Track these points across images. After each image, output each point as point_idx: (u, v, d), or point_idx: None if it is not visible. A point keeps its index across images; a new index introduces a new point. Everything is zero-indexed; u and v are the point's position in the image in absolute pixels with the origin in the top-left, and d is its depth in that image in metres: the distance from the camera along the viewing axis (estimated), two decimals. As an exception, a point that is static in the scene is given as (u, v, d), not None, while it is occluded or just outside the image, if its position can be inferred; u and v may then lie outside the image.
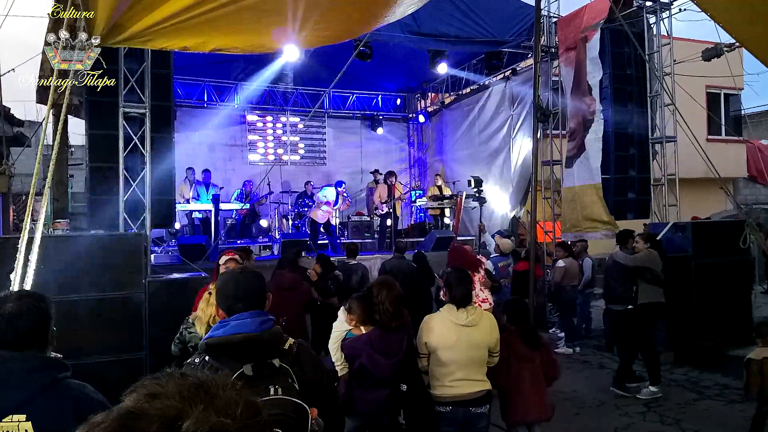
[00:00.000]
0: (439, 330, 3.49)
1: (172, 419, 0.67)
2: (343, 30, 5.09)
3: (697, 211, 12.77)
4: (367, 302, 3.52)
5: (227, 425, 0.69)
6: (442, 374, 3.47)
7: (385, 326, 3.39)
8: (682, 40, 11.36)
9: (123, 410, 0.69)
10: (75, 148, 13.75)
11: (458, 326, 3.46)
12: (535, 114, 5.32)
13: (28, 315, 1.82)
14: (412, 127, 16.53)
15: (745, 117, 15.74)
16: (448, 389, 3.46)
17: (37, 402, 1.69)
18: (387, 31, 8.62)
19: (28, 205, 3.98)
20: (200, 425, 0.67)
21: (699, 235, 8.04)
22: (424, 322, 3.59)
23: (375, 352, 3.31)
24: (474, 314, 3.52)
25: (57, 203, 9.77)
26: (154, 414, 0.67)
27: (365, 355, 3.29)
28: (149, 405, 0.69)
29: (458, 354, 3.45)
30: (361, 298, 3.64)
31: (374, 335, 3.40)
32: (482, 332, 3.52)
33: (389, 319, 3.38)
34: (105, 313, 5.50)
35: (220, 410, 0.70)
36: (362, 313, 3.54)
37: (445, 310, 3.58)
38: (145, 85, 6.94)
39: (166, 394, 0.71)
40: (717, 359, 7.55)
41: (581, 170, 9.84)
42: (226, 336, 1.82)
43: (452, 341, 3.44)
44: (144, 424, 0.66)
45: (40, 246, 3.60)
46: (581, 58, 9.64)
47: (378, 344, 3.35)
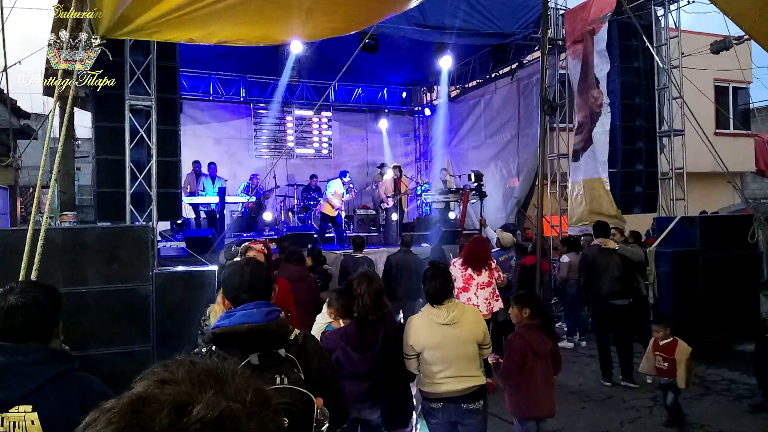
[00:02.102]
0: (422, 331, 3.40)
1: (183, 404, 0.67)
2: (349, 22, 5.06)
3: (704, 205, 12.71)
4: (346, 295, 3.43)
5: (237, 410, 0.69)
6: (432, 372, 3.39)
7: (362, 319, 3.29)
8: (690, 32, 11.26)
9: (134, 396, 0.69)
10: (81, 140, 13.79)
11: (440, 325, 3.37)
12: (542, 107, 5.30)
13: (29, 307, 1.81)
14: (417, 120, 16.48)
15: (754, 111, 15.63)
16: (437, 386, 3.38)
17: (43, 393, 1.70)
18: (393, 23, 8.60)
19: (35, 197, 3.99)
20: (210, 410, 0.67)
21: (706, 229, 7.99)
22: (407, 323, 3.50)
23: (349, 346, 3.23)
24: (455, 311, 3.41)
25: (64, 196, 9.82)
26: (165, 399, 0.67)
27: (340, 350, 3.21)
28: (159, 391, 0.69)
29: (445, 353, 3.36)
30: (340, 291, 3.59)
31: (350, 329, 3.31)
32: (466, 328, 3.42)
33: (367, 312, 3.27)
34: (112, 305, 5.52)
35: (230, 396, 0.71)
36: (341, 307, 3.47)
37: (426, 309, 3.49)
38: (151, 77, 6.94)
39: (176, 380, 0.71)
40: (724, 354, 7.52)
41: (588, 164, 9.79)
42: (232, 326, 1.83)
43: (437, 341, 3.35)
44: (154, 409, 0.66)
45: (48, 238, 3.61)
46: (588, 50, 9.58)
47: (353, 339, 3.27)
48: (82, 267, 5.42)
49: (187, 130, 11.84)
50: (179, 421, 0.65)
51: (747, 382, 6.40)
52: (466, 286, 6.00)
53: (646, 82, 9.38)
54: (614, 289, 6.46)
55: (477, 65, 13.28)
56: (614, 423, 5.40)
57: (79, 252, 5.44)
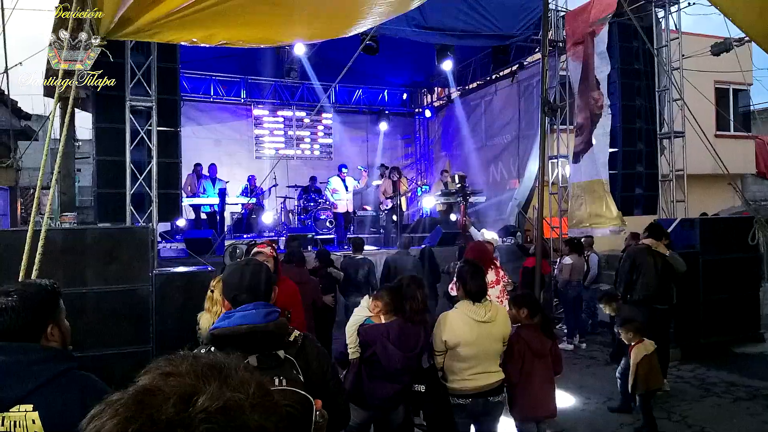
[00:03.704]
0: (458, 327, 3.48)
1: (188, 395, 0.68)
2: (350, 24, 5.06)
3: (705, 207, 12.70)
4: (396, 293, 3.55)
5: (241, 400, 0.71)
6: (461, 369, 3.49)
7: (409, 318, 3.43)
8: (690, 34, 11.27)
9: (139, 387, 0.70)
10: (82, 141, 13.80)
11: (478, 323, 3.47)
12: (543, 108, 5.30)
13: (16, 308, 1.80)
14: (418, 121, 16.50)
15: (754, 113, 15.66)
16: (468, 382, 3.49)
17: (43, 392, 1.70)
18: (393, 24, 8.59)
19: (35, 198, 3.99)
20: (215, 401, 0.68)
21: (707, 231, 7.98)
22: (441, 318, 3.59)
23: (390, 342, 3.33)
24: (491, 310, 3.55)
25: (64, 197, 9.82)
26: (170, 390, 0.69)
27: (379, 344, 3.31)
28: (164, 383, 0.71)
29: (478, 349, 3.48)
30: (391, 288, 3.68)
31: (393, 327, 3.42)
32: (500, 326, 3.57)
33: (417, 312, 3.43)
34: (112, 306, 5.51)
35: (233, 387, 0.72)
36: (390, 302, 3.55)
37: (462, 306, 3.57)
38: (152, 78, 6.95)
39: (181, 372, 0.73)
40: (724, 356, 7.52)
41: (588, 165, 9.78)
42: (231, 327, 1.82)
43: (473, 338, 3.45)
44: (160, 400, 0.68)
45: (48, 239, 3.61)
46: (589, 52, 9.57)
47: (395, 336, 3.37)
48: (82, 268, 5.41)
49: (188, 132, 11.85)
50: (185, 411, 0.67)
51: (747, 384, 6.40)
52: None
53: (646, 84, 9.39)
54: (657, 293, 6.15)
55: (477, 67, 13.29)
56: (613, 425, 5.39)
57: (79, 253, 5.43)
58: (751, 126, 17.19)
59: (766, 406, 5.72)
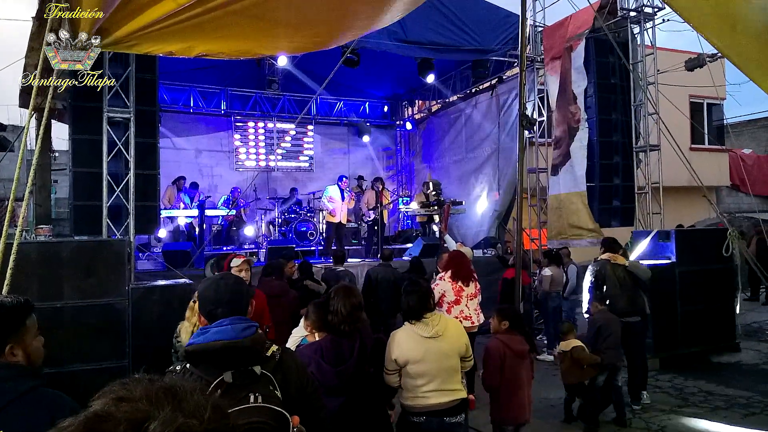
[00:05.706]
0: (405, 345, 3.37)
1: (140, 421, 0.67)
2: (331, 37, 5.08)
3: (681, 218, 12.91)
4: (323, 308, 3.35)
5: (194, 426, 0.69)
6: (415, 386, 3.36)
7: (336, 330, 3.19)
8: (665, 50, 11.51)
9: (90, 414, 0.69)
10: (59, 152, 13.60)
11: (424, 339, 3.36)
12: (521, 122, 5.36)
13: None
14: (399, 134, 16.56)
15: (728, 126, 16.02)
16: (420, 400, 3.36)
17: (10, 411, 1.65)
18: (374, 38, 8.65)
19: (8, 210, 3.92)
20: (167, 426, 0.67)
21: (683, 242, 8.10)
22: (390, 337, 3.46)
23: (323, 360, 3.15)
24: (438, 325, 3.41)
25: (40, 209, 9.64)
26: (121, 417, 0.67)
27: (314, 363, 3.11)
28: (116, 408, 0.69)
29: (428, 366, 3.35)
30: (318, 304, 3.52)
31: (324, 343, 3.23)
32: (450, 341, 3.41)
33: (340, 321, 3.17)
34: (87, 321, 5.41)
35: (187, 412, 0.71)
36: (317, 319, 3.41)
37: (408, 323, 3.48)
38: (130, 89, 6.89)
39: (134, 397, 0.71)
40: (702, 366, 7.62)
41: (566, 178, 9.91)
42: (206, 343, 1.78)
43: (420, 355, 3.33)
44: (111, 426, 0.66)
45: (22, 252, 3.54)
46: (566, 67, 9.73)
47: (327, 352, 3.19)
48: (57, 281, 5.31)
49: (167, 143, 11.76)
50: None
51: (724, 393, 6.48)
52: (458, 298, 6.00)
53: (622, 98, 9.54)
54: (626, 306, 6.10)
55: (458, 80, 13.41)
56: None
57: (54, 266, 5.33)
58: (725, 139, 17.58)
59: (743, 415, 5.79)
